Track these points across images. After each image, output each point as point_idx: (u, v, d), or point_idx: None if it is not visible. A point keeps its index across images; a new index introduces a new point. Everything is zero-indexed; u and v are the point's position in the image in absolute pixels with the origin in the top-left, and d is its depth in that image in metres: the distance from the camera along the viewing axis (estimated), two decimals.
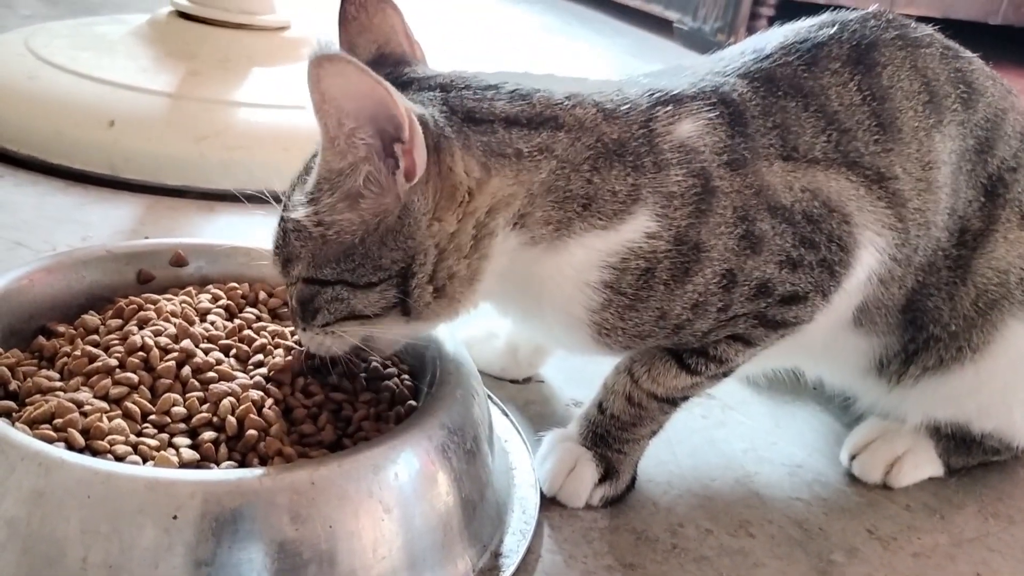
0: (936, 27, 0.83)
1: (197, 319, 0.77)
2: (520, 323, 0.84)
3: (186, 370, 0.70)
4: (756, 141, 0.71)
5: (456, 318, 0.70)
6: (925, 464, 0.90)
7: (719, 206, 0.69)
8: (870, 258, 0.75)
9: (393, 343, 0.73)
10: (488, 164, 0.66)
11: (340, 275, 0.65)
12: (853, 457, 0.90)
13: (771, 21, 2.60)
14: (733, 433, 0.93)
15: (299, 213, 0.65)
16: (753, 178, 0.70)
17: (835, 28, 0.77)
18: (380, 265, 0.64)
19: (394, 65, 0.71)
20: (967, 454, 0.90)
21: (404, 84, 0.68)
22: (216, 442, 0.65)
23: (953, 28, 0.86)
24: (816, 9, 0.83)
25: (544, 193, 0.67)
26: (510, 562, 0.70)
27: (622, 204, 0.68)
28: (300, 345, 0.72)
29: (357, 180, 0.63)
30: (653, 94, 0.72)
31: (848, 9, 0.81)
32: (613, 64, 2.45)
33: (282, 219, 0.67)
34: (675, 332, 0.73)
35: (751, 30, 2.57)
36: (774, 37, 0.78)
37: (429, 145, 0.63)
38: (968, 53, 0.82)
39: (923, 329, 0.82)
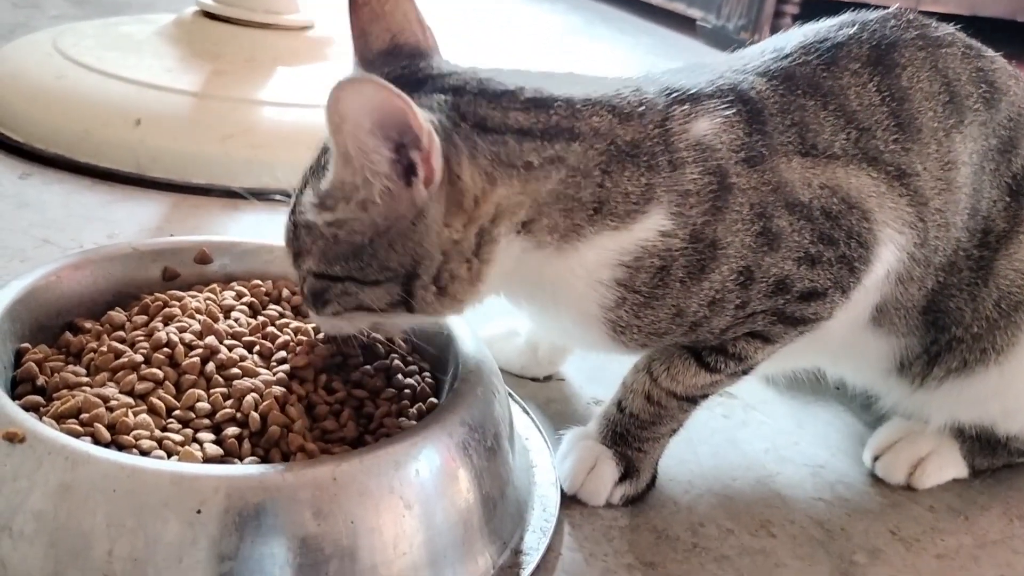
0: (963, 25, 0.82)
1: (221, 316, 0.77)
2: (535, 319, 0.84)
3: (210, 366, 0.71)
4: (774, 138, 0.71)
5: (461, 312, 0.70)
6: (949, 465, 0.89)
7: (736, 203, 0.69)
8: (889, 255, 0.74)
9: (400, 327, 0.75)
10: (494, 174, 0.65)
11: (348, 272, 0.66)
12: (876, 458, 0.89)
13: (795, 19, 2.58)
14: (755, 433, 0.93)
15: (310, 215, 0.66)
16: (771, 175, 0.70)
17: (855, 28, 0.77)
18: (386, 266, 0.65)
19: (409, 57, 0.70)
20: (992, 456, 0.89)
21: (419, 82, 0.68)
22: (239, 438, 0.66)
23: (980, 26, 0.85)
24: (840, 7, 0.83)
25: (552, 201, 0.66)
26: (530, 559, 0.70)
27: (635, 204, 0.68)
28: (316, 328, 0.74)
29: (372, 191, 0.63)
30: (670, 93, 0.71)
31: (871, 8, 0.81)
32: (636, 63, 2.44)
33: (292, 215, 0.68)
34: (692, 330, 0.72)
35: (775, 28, 2.56)
36: (794, 37, 0.78)
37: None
38: (991, 52, 0.81)
39: (945, 331, 0.81)
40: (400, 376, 0.77)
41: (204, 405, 0.68)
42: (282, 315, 0.80)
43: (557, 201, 0.67)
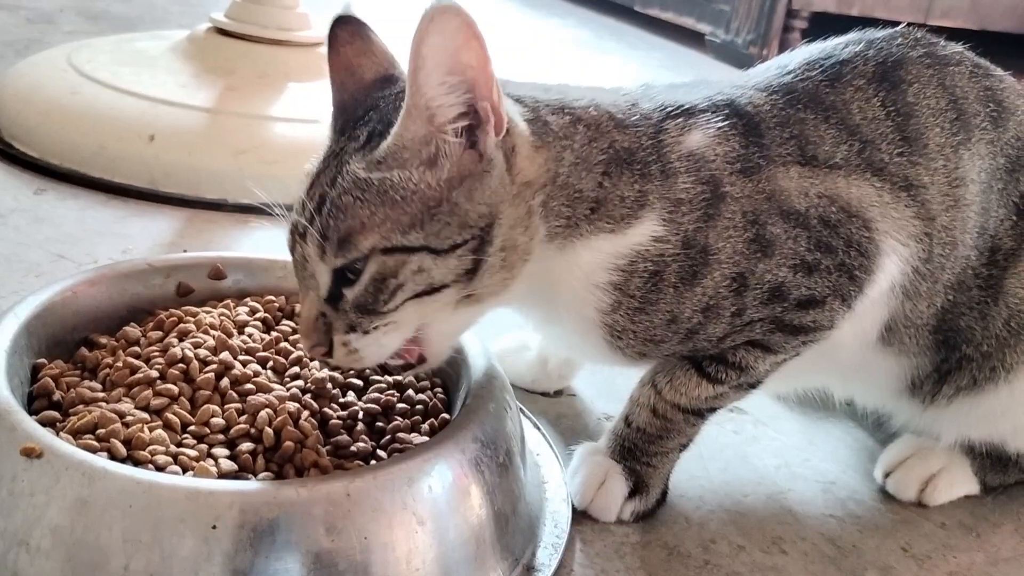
0: (971, 39, 0.83)
1: (235, 331, 0.78)
2: (541, 329, 0.84)
3: (225, 382, 0.71)
4: (772, 150, 0.72)
5: (502, 301, 0.70)
6: (961, 482, 0.89)
7: (727, 211, 0.70)
8: (893, 266, 0.75)
9: (441, 346, 0.71)
10: (534, 129, 0.68)
11: (424, 240, 0.63)
12: (887, 474, 0.89)
13: (804, 34, 2.59)
14: (766, 449, 0.93)
15: (376, 175, 0.63)
16: (766, 183, 0.71)
17: (861, 45, 0.78)
18: (466, 223, 0.64)
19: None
20: (1003, 473, 0.89)
21: None
22: (254, 453, 0.67)
23: (990, 40, 0.85)
24: (849, 22, 0.83)
25: (561, 187, 0.69)
26: None
27: (629, 209, 0.70)
28: (341, 366, 0.71)
29: (444, 142, 0.63)
30: (665, 108, 0.73)
31: (879, 25, 0.81)
32: (645, 77, 2.45)
33: (329, 190, 0.64)
34: (689, 337, 0.73)
35: (784, 43, 2.57)
36: (800, 54, 0.79)
37: None
38: (1000, 71, 0.82)
39: (956, 349, 0.81)
40: (412, 391, 0.77)
41: (219, 420, 0.68)
42: (295, 331, 0.81)
43: (564, 188, 0.69)
